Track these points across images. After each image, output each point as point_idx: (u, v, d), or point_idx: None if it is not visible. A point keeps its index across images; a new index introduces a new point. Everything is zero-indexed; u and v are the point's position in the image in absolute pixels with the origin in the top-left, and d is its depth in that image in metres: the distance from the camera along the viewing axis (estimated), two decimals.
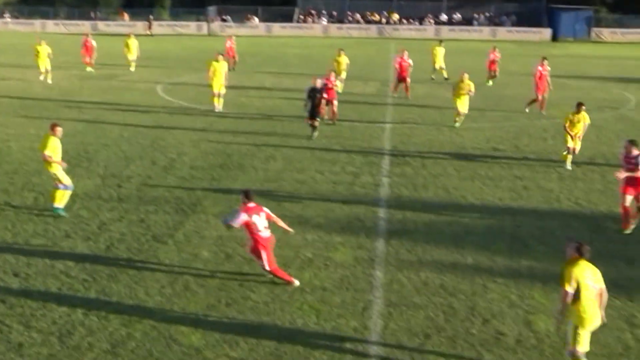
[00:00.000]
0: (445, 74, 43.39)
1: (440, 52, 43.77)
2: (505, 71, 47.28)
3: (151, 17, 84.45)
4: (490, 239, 16.88)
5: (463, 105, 29.21)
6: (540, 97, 32.51)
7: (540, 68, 32.57)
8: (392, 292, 13.89)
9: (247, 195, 13.99)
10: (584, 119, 23.02)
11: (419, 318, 12.86)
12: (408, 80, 36.51)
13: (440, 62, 43.73)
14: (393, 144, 26.06)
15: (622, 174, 17.05)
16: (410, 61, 36.86)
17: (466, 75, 28.99)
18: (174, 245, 16.11)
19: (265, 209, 14.04)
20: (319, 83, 26.65)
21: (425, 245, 16.36)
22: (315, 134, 26.49)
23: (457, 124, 29.33)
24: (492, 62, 42.84)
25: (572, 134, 22.94)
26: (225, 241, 16.24)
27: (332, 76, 29.57)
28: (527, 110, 32.67)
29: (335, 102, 29.14)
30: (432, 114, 32.19)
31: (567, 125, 22.93)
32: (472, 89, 29.15)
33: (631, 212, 17.31)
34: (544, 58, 33.21)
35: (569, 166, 23.25)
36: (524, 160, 24.12)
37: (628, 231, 17.24)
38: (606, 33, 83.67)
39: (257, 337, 12.07)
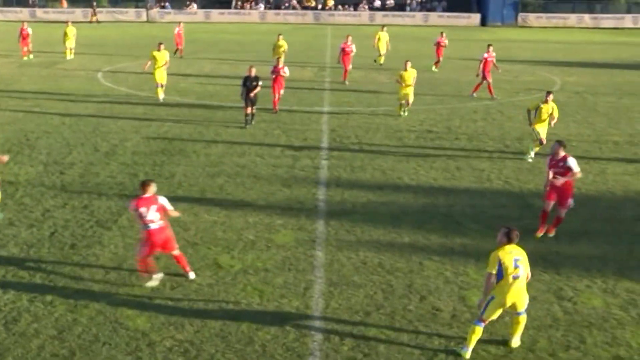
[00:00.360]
0: (381, 60, 43.43)
1: (383, 37, 43.57)
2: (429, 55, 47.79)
3: (95, 3, 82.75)
4: (425, 218, 17.07)
5: (409, 95, 27.95)
6: (484, 82, 32.62)
7: (485, 54, 32.77)
8: (332, 271, 13.97)
9: (141, 186, 13.16)
10: (553, 110, 21.83)
11: (358, 296, 12.97)
12: (349, 67, 36.49)
13: (383, 48, 43.55)
14: (331, 128, 26.10)
15: (560, 180, 15.48)
16: (354, 47, 36.88)
17: (409, 64, 27.87)
18: (118, 230, 15.91)
19: (160, 200, 13.14)
20: (253, 72, 25.74)
21: (363, 225, 16.47)
22: (252, 122, 25.88)
23: (404, 114, 28.29)
24: (440, 47, 42.06)
25: (538, 124, 21.93)
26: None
27: (281, 64, 28.34)
28: (474, 95, 32.80)
29: (282, 91, 28.33)
30: (369, 98, 32.32)
31: (533, 113, 21.90)
32: (415, 76, 27.96)
33: (545, 221, 15.98)
34: (489, 45, 33.35)
35: (531, 157, 22.24)
36: (456, 142, 24.40)
37: (539, 235, 15.94)
38: (532, 18, 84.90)
39: (202, 319, 12.03)
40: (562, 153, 15.50)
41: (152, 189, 13.13)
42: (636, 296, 13.16)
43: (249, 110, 25.68)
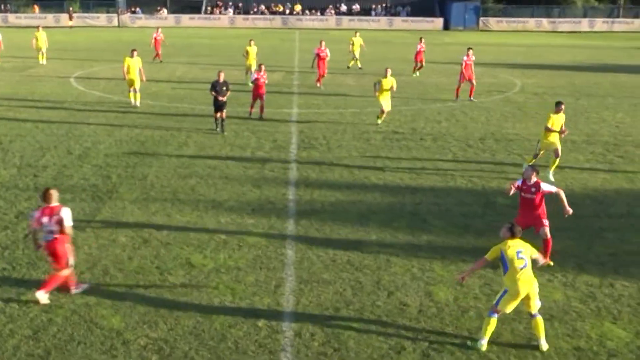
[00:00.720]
0: (351, 64, 43.46)
1: (357, 41, 43.55)
2: (402, 59, 47.99)
3: (71, 9, 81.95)
4: (392, 216, 17.13)
5: (387, 102, 26.88)
6: (461, 85, 32.69)
7: (465, 58, 32.89)
8: (302, 269, 13.96)
9: (42, 196, 12.63)
10: (563, 120, 20.55)
11: (328, 293, 12.97)
12: (325, 70, 36.44)
13: (357, 52, 43.57)
14: (300, 129, 26.09)
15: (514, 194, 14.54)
16: (328, 51, 36.88)
17: (389, 71, 26.76)
18: (92, 231, 15.75)
19: (62, 212, 12.38)
20: (222, 77, 25.19)
21: (332, 224, 16.48)
22: (223, 128, 25.25)
23: (380, 122, 27.08)
24: (419, 52, 41.68)
25: (551, 136, 20.37)
26: (142, 226, 15.99)
27: (262, 70, 27.47)
28: (472, 99, 32.81)
29: (264, 98, 27.54)
30: (336, 100, 32.35)
31: (549, 125, 20.37)
32: (394, 85, 26.74)
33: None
34: (470, 48, 33.44)
35: (552, 177, 20.08)
36: (421, 142, 24.50)
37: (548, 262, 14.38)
38: (493, 22, 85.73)
39: (175, 318, 11.95)
40: (534, 179, 14.21)
41: (55, 197, 12.46)
42: (595, 289, 13.31)
43: (218, 115, 25.25)
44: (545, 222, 14.37)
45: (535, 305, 11.23)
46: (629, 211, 17.86)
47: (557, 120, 20.42)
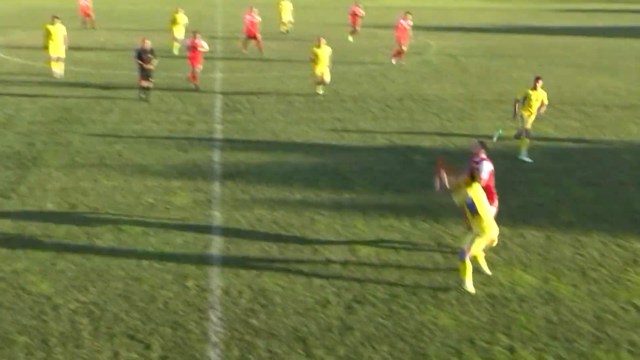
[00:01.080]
0: (286, 28, 42.89)
1: (285, 6, 42.84)
2: (321, 23, 47.80)
3: None
4: (315, 176, 17.20)
5: (324, 72, 25.56)
6: (402, 48, 32.74)
7: (402, 21, 32.80)
8: (229, 230, 13.93)
9: None
10: (542, 98, 18.93)
11: (255, 252, 13.00)
12: (259, 36, 35.76)
13: (286, 16, 42.88)
14: (224, 94, 25.81)
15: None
16: (259, 18, 36.26)
17: (324, 40, 25.64)
18: (18, 199, 15.34)
19: None
20: (147, 44, 24.14)
21: (257, 185, 16.45)
22: (149, 96, 24.36)
23: (322, 92, 25.88)
24: (354, 16, 40.52)
25: (527, 113, 18.94)
26: (69, 192, 15.66)
27: (198, 37, 26.15)
28: (393, 62, 32.86)
29: (200, 66, 26.34)
30: (260, 65, 32.09)
31: (521, 101, 18.90)
32: (329, 55, 25.50)
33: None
34: (407, 12, 33.28)
35: (525, 157, 18.97)
36: (342, 104, 24.58)
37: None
38: None
39: (105, 281, 11.80)
40: (482, 155, 13.36)
41: None
42: (506, 240, 13.69)
43: (144, 83, 24.19)
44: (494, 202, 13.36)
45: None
46: (538, 166, 18.37)
47: (536, 97, 18.81)
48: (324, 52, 25.47)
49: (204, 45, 26.45)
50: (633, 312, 11.15)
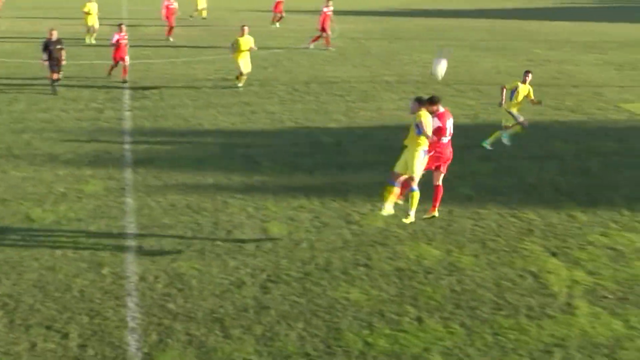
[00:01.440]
0: (204, 14, 42.13)
1: None
2: (229, 8, 47.27)
3: None
4: (226, 160, 17.08)
5: (246, 64, 24.25)
6: (324, 34, 32.51)
7: (325, 9, 32.58)
8: (143, 216, 13.69)
9: None
10: (529, 92, 18.11)
11: (169, 237, 12.81)
12: (174, 23, 34.94)
13: (202, 4, 42.16)
14: (132, 80, 25.22)
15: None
16: (176, 5, 35.44)
17: (247, 29, 24.31)
18: None
19: None
20: (54, 35, 22.65)
21: (169, 171, 16.21)
22: (56, 89, 23.05)
23: (241, 85, 24.59)
24: (278, 3, 40.13)
25: (515, 109, 18.20)
26: None
27: (124, 30, 24.87)
28: (311, 46, 32.61)
29: (127, 59, 24.76)
30: (167, 51, 31.53)
31: (509, 94, 18.06)
32: (253, 44, 24.29)
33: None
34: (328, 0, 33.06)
35: (487, 144, 18.44)
36: (249, 88, 24.44)
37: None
38: None
39: (18, 273, 11.40)
40: (440, 109, 12.57)
41: None
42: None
43: (54, 76, 22.91)
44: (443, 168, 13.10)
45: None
46: None
47: (524, 91, 18.06)
48: (247, 42, 24.07)
49: (126, 40, 25.04)
50: (529, 279, 11.58)
